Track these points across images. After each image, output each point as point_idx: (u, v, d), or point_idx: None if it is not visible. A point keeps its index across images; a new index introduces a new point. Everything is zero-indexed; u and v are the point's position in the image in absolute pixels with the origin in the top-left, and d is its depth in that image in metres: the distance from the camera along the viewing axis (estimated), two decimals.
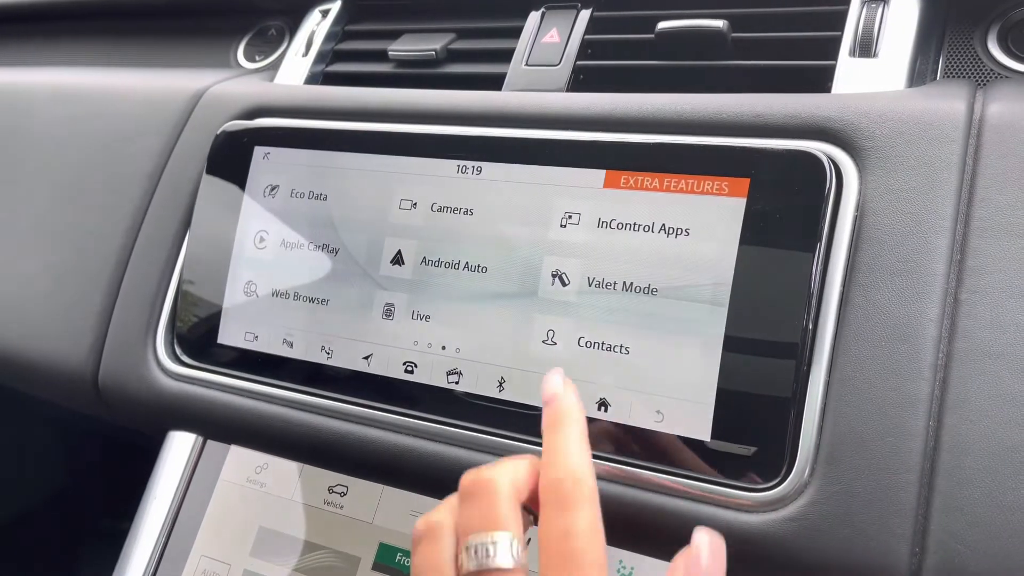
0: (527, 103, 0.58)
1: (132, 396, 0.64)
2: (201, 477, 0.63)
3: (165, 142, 0.70)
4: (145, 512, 0.63)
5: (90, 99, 0.77)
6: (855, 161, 0.48)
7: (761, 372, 0.46)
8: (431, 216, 0.56)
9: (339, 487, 0.58)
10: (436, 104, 0.61)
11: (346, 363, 0.57)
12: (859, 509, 0.43)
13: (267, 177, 0.62)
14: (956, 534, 0.41)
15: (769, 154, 0.48)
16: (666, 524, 0.47)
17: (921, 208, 0.46)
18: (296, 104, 0.66)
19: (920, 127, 0.47)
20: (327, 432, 0.57)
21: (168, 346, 0.64)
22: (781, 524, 0.45)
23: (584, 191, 0.52)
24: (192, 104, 0.71)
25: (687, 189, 0.49)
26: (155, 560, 0.61)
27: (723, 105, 0.52)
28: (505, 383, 0.52)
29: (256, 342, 0.61)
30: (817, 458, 0.45)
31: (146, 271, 0.66)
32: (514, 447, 0.51)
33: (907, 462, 0.43)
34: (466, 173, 0.56)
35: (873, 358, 0.44)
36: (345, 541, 0.56)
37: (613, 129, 0.55)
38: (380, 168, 0.58)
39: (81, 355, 0.67)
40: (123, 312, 0.66)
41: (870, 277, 0.46)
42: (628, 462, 0.49)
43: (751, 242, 0.47)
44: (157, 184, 0.68)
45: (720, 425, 0.47)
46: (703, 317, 0.47)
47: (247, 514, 0.60)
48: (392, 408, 0.55)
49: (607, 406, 0.50)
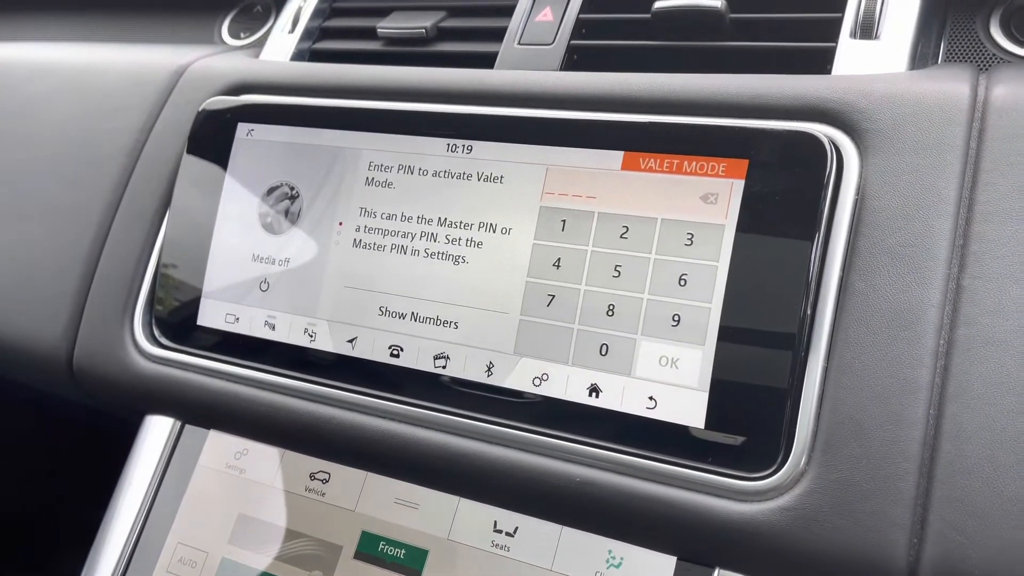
0: (519, 82, 0.57)
1: (108, 378, 0.62)
2: (178, 462, 0.61)
3: (146, 118, 0.68)
4: (120, 498, 0.61)
5: (69, 74, 0.75)
6: (856, 143, 0.47)
7: (757, 358, 0.45)
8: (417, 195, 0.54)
9: (321, 474, 0.56)
10: (425, 82, 0.59)
11: (330, 346, 0.55)
12: (856, 498, 0.42)
13: (250, 154, 0.60)
14: (956, 524, 0.40)
15: (769, 135, 0.47)
16: (657, 513, 0.46)
17: (923, 191, 0.45)
18: (281, 81, 0.64)
19: (923, 109, 0.46)
20: (310, 416, 0.55)
21: (146, 327, 0.62)
22: (776, 514, 0.43)
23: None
24: (174, 80, 0.69)
25: (688, 171, 0.48)
26: (130, 547, 0.59)
27: (721, 85, 0.51)
28: (494, 368, 0.51)
29: (237, 324, 0.59)
30: (814, 446, 0.43)
31: (124, 250, 0.64)
32: (502, 434, 0.50)
33: (906, 451, 0.41)
34: (456, 152, 0.54)
35: (873, 345, 0.43)
36: (327, 529, 0.55)
37: (607, 109, 0.53)
38: (367, 146, 0.57)
39: (56, 335, 0.64)
40: (100, 292, 0.64)
41: (870, 262, 0.44)
42: (619, 449, 0.47)
43: (749, 225, 0.46)
44: (137, 161, 0.66)
45: (714, 412, 0.45)
46: (701, 300, 0.46)
47: (226, 501, 0.58)
48: (377, 393, 0.54)
49: (598, 392, 0.48)
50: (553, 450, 0.49)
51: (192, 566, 0.57)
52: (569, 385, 0.49)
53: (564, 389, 0.49)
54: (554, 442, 0.49)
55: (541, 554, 0.50)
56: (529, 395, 0.50)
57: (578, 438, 0.48)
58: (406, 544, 0.53)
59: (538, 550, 0.50)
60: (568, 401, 0.49)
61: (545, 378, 0.50)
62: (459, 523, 0.52)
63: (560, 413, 0.49)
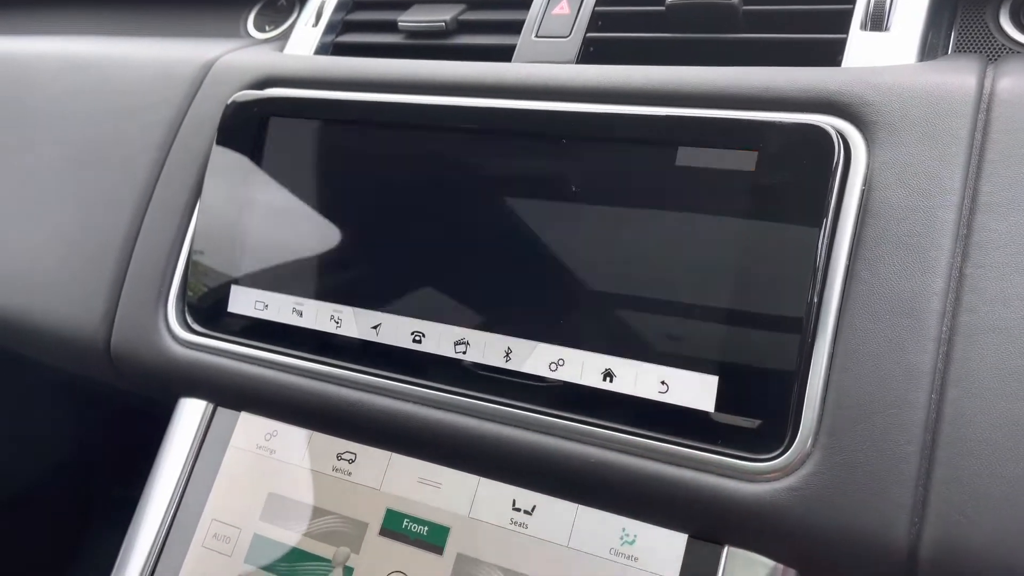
0: (536, 75, 0.58)
1: (143, 363, 0.65)
2: (211, 443, 0.64)
3: (175, 112, 0.70)
4: (156, 477, 0.64)
5: (99, 69, 0.77)
6: (863, 135, 0.48)
7: (766, 344, 0.47)
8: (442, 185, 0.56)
9: (347, 454, 0.59)
10: (445, 76, 0.61)
11: (355, 332, 0.58)
12: (860, 479, 0.44)
13: (277, 146, 0.63)
14: (956, 505, 0.42)
15: (777, 127, 0.48)
16: (669, 493, 0.48)
17: (928, 183, 0.46)
18: (306, 75, 0.66)
19: (929, 101, 0.47)
20: (336, 399, 0.58)
21: (179, 314, 0.65)
22: (782, 494, 0.45)
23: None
24: (203, 74, 0.71)
25: (700, 162, 0.49)
26: (167, 524, 0.62)
27: (732, 78, 0.52)
28: (511, 354, 0.53)
29: (266, 311, 0.61)
30: (820, 429, 0.45)
31: (157, 240, 0.66)
32: (520, 416, 0.52)
33: (909, 434, 0.43)
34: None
35: (877, 331, 0.45)
36: (353, 507, 0.57)
37: (622, 101, 0.55)
38: (390, 138, 0.59)
39: (94, 323, 0.67)
40: (134, 280, 0.66)
41: (876, 251, 0.46)
42: (633, 432, 0.49)
43: (758, 214, 0.47)
44: (168, 153, 0.68)
45: (724, 396, 0.47)
46: (710, 288, 0.48)
47: (257, 480, 0.61)
48: (400, 377, 0.56)
49: (612, 376, 0.50)
50: (570, 432, 0.51)
51: (226, 541, 0.60)
52: (584, 370, 0.51)
53: (580, 374, 0.51)
54: (570, 425, 0.51)
55: (558, 531, 0.52)
56: (546, 380, 0.52)
57: (593, 421, 0.50)
58: (429, 521, 0.55)
59: (555, 527, 0.52)
60: (583, 385, 0.51)
61: (561, 363, 0.52)
62: (479, 501, 0.54)
63: (576, 397, 0.51)
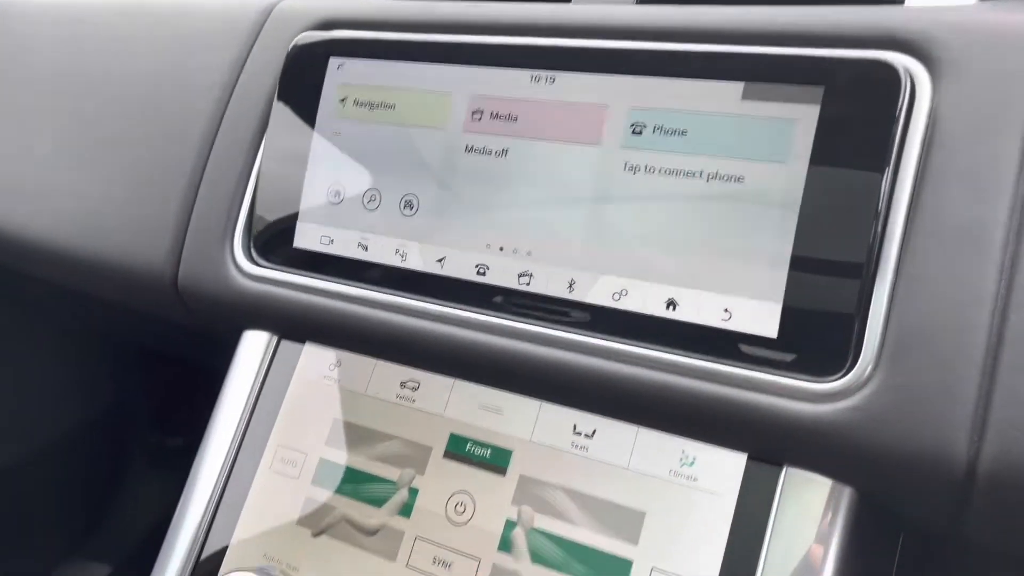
0: (595, 15, 0.60)
1: (210, 296, 0.68)
2: (276, 374, 0.66)
3: (237, 54, 0.72)
4: (222, 405, 0.66)
5: (160, 13, 0.79)
6: (929, 71, 0.49)
7: (829, 271, 0.48)
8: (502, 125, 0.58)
9: (411, 382, 0.61)
10: (507, 16, 0.62)
11: (420, 266, 0.60)
12: (920, 399, 0.45)
13: (341, 87, 0.64)
14: (1015, 422, 0.43)
15: (843, 63, 0.50)
16: (730, 414, 0.50)
17: (993, 116, 0.47)
18: (368, 16, 0.67)
19: (996, 38, 0.48)
20: (400, 329, 0.60)
21: (245, 248, 0.67)
22: (844, 413, 0.47)
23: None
24: (264, 17, 0.72)
25: (766, 97, 0.51)
26: (234, 449, 0.64)
27: (797, 16, 0.53)
28: (575, 284, 0.55)
29: (332, 246, 0.63)
30: (881, 353, 0.47)
31: (223, 176, 0.68)
32: (582, 343, 0.54)
33: (970, 356, 0.45)
34: (539, 83, 0.58)
35: (940, 258, 0.46)
36: (417, 431, 0.60)
37: (684, 40, 0.56)
38: (453, 77, 0.60)
39: (161, 258, 0.70)
40: (201, 216, 0.68)
41: (939, 182, 0.47)
42: (694, 355, 0.51)
43: (824, 147, 0.49)
44: (232, 93, 0.70)
45: (787, 323, 0.49)
46: (775, 218, 0.49)
47: (322, 408, 0.63)
48: (464, 306, 0.58)
49: (675, 305, 0.52)
50: (631, 357, 0.53)
51: (293, 465, 0.62)
52: (647, 300, 0.53)
53: (643, 303, 0.53)
54: (632, 350, 0.53)
55: (618, 453, 0.54)
56: (609, 309, 0.54)
57: (656, 347, 0.52)
58: (492, 444, 0.57)
59: (615, 450, 0.54)
60: (646, 315, 0.53)
61: (624, 293, 0.53)
62: (541, 425, 0.57)
63: (638, 325, 0.53)
